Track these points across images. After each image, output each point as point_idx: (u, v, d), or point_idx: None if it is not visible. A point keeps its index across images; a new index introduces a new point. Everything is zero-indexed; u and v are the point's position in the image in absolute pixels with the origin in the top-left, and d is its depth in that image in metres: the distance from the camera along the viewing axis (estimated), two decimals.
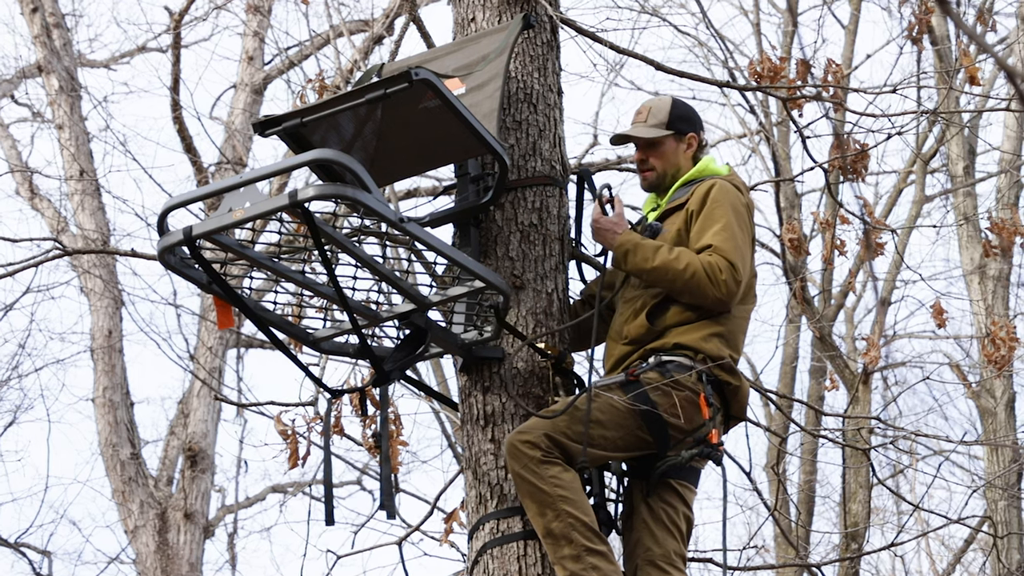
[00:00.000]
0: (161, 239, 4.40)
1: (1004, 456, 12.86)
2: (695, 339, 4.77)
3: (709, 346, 4.77)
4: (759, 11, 15.11)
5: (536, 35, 5.34)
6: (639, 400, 4.67)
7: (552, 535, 4.55)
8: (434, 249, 4.55)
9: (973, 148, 14.17)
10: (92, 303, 12.38)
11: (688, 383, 4.71)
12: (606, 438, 4.67)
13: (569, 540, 4.53)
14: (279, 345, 4.80)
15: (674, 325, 4.80)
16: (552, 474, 4.57)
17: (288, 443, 7.36)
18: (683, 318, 4.80)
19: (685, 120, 5.12)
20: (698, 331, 4.79)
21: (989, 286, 13.46)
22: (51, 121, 13.14)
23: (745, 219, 4.93)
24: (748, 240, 4.92)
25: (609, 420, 4.67)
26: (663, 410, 4.67)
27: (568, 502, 4.55)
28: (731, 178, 5.02)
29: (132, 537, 11.75)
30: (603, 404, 4.67)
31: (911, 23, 8.95)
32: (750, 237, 4.94)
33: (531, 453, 4.59)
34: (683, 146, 5.10)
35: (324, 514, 4.75)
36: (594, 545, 4.54)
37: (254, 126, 4.84)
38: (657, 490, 4.79)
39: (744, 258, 4.84)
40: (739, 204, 4.93)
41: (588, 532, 4.55)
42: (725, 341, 4.82)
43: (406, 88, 4.54)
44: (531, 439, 4.60)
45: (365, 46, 11.78)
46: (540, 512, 4.57)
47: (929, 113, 8.70)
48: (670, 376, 4.70)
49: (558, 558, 4.54)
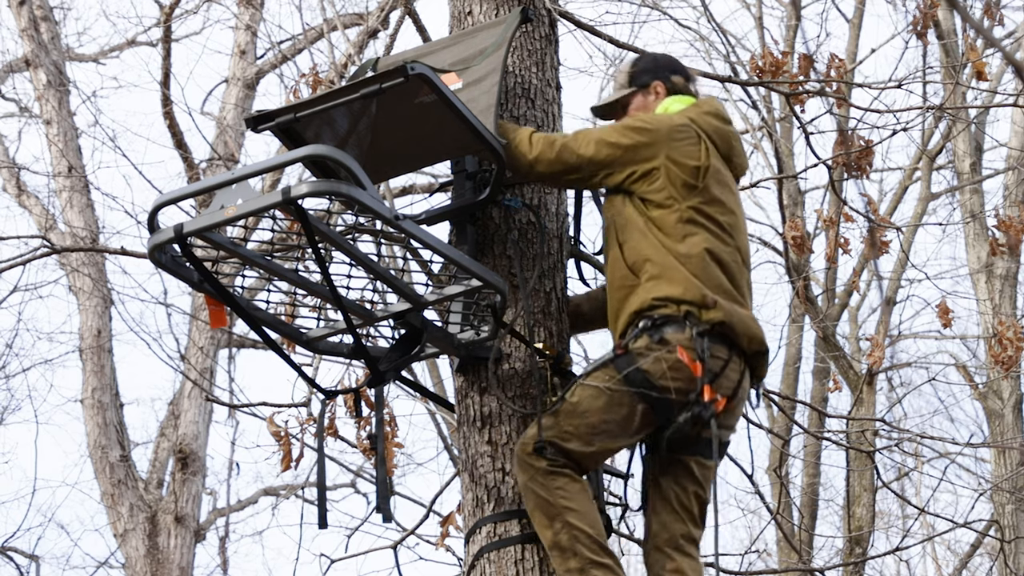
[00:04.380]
0: (151, 237, 4.40)
1: (1011, 459, 12.87)
2: (670, 290, 4.66)
3: (684, 290, 4.66)
4: (761, 4, 15.12)
5: (534, 29, 5.34)
6: (631, 374, 4.62)
7: (559, 547, 4.56)
8: (430, 247, 4.55)
9: (980, 144, 14.18)
10: (81, 302, 12.39)
11: (678, 339, 4.62)
12: (607, 424, 4.63)
13: (575, 553, 4.53)
14: (272, 345, 4.80)
15: (650, 277, 4.71)
16: (559, 485, 4.57)
17: (281, 445, 7.36)
18: (654, 270, 4.70)
19: (647, 72, 5.15)
20: (669, 279, 4.68)
21: (996, 285, 13.48)
22: (39, 116, 13.14)
23: (637, 130, 4.86)
24: (624, 141, 4.83)
25: (605, 406, 4.63)
26: (657, 378, 4.60)
27: (574, 514, 4.55)
28: (682, 113, 4.98)
29: (121, 541, 11.75)
30: (592, 393, 4.62)
31: (916, 17, 8.95)
32: (634, 143, 4.83)
33: (537, 464, 4.59)
34: (650, 96, 5.12)
35: (317, 517, 4.75)
36: (599, 558, 4.54)
37: (246, 121, 4.84)
38: (668, 469, 4.74)
39: (595, 142, 4.81)
40: (648, 121, 4.90)
41: (594, 545, 4.55)
42: (698, 279, 4.68)
43: (402, 83, 4.53)
44: (533, 449, 4.60)
45: (360, 40, 11.76)
46: (548, 524, 4.57)
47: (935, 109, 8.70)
48: (658, 338, 4.63)
49: (564, 571, 4.55)
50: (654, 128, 4.87)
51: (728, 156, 4.98)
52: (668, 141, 4.84)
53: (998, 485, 12.46)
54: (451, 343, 4.89)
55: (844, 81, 8.12)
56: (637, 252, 4.75)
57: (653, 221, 4.77)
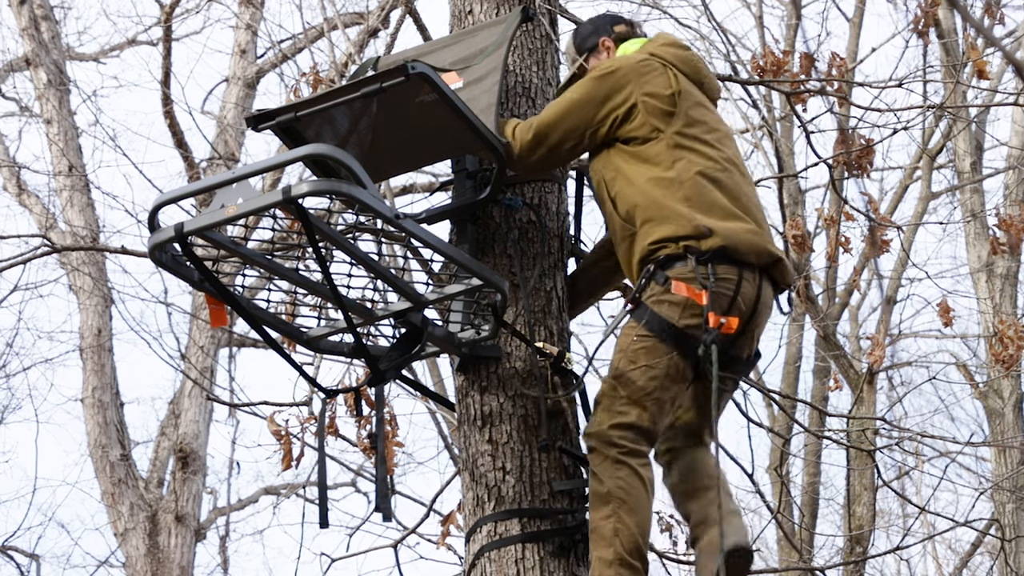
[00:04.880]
0: (152, 236, 4.40)
1: (1012, 458, 12.87)
2: (663, 231, 4.69)
3: (676, 227, 4.68)
4: (762, 3, 15.12)
5: (535, 28, 5.35)
6: (651, 321, 4.65)
7: (599, 533, 4.57)
8: (431, 246, 4.55)
9: (980, 143, 14.18)
10: (81, 301, 12.39)
11: (680, 274, 4.65)
12: (654, 381, 4.63)
13: (610, 545, 4.54)
14: (272, 344, 4.80)
15: (643, 222, 4.75)
16: (620, 475, 4.59)
17: (281, 444, 7.36)
18: (645, 214, 4.73)
19: (590, 34, 5.24)
20: (660, 220, 4.71)
21: (997, 284, 13.48)
22: (39, 116, 13.14)
23: (602, 78, 4.89)
24: (593, 92, 4.86)
25: (645, 364, 4.64)
26: (677, 320, 4.63)
27: (626, 508, 4.56)
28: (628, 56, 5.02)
29: (122, 540, 11.75)
30: (629, 357, 4.66)
31: (917, 16, 8.95)
32: (606, 88, 4.86)
33: (607, 452, 4.61)
34: (603, 55, 5.19)
35: (318, 516, 4.74)
36: (631, 560, 4.54)
37: (247, 121, 4.84)
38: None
39: (565, 105, 4.85)
40: (608, 65, 4.93)
41: (632, 544, 4.55)
42: (691, 204, 4.71)
43: (402, 82, 4.54)
44: (609, 438, 4.62)
45: (360, 39, 11.76)
46: (598, 507, 4.59)
47: (935, 108, 8.69)
48: (663, 280, 4.65)
49: (596, 556, 4.57)
50: (618, 68, 4.91)
51: (698, 79, 5.01)
52: (637, 77, 4.88)
53: (999, 484, 12.46)
54: (451, 342, 4.89)
55: (845, 80, 8.11)
56: (626, 200, 4.80)
57: (640, 157, 4.81)
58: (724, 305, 4.65)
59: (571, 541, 4.74)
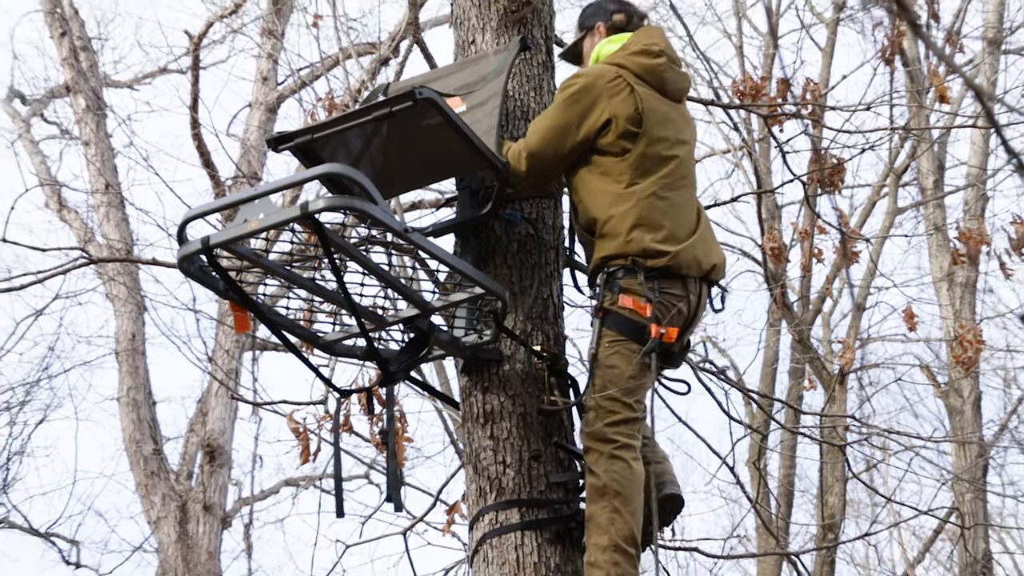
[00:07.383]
0: (181, 248, 4.39)
1: (971, 452, 12.84)
2: (616, 247, 4.70)
3: (628, 245, 4.69)
4: (742, 34, 15.12)
5: (532, 56, 5.34)
6: (617, 324, 4.66)
7: (596, 522, 4.56)
8: (437, 258, 4.53)
9: (942, 163, 14.16)
10: (117, 308, 12.38)
11: (629, 285, 4.68)
12: (633, 376, 4.64)
13: (606, 532, 4.53)
14: (291, 348, 4.79)
15: (600, 236, 4.76)
16: (616, 470, 4.58)
17: (300, 440, 7.35)
18: (603, 229, 4.74)
19: (591, 15, 5.20)
20: (614, 235, 4.71)
21: (957, 292, 13.45)
22: (78, 138, 13.14)
23: (575, 98, 4.82)
24: (569, 117, 4.81)
25: (622, 364, 4.65)
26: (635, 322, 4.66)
27: (621, 499, 4.56)
28: (611, 58, 4.95)
29: (155, 527, 11.74)
30: (607, 364, 4.66)
31: (884, 45, 8.94)
32: (580, 110, 4.81)
33: (602, 449, 4.61)
34: (596, 37, 5.16)
35: (334, 506, 4.73)
36: (626, 546, 4.53)
37: (268, 142, 4.83)
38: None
39: (548, 134, 4.80)
40: (581, 83, 4.84)
41: (626, 531, 4.54)
42: (643, 223, 4.71)
43: (411, 106, 4.52)
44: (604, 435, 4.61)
45: (372, 67, 11.76)
46: (595, 499, 4.58)
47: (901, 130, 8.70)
48: (616, 289, 4.68)
49: (592, 544, 4.56)
50: (590, 84, 4.85)
51: (662, 89, 4.93)
52: (608, 96, 4.83)
53: (959, 476, 12.43)
54: (456, 346, 4.87)
55: (818, 104, 8.11)
56: (586, 212, 4.82)
57: (604, 170, 4.80)
58: (666, 315, 4.70)
59: (566, 529, 4.73)
